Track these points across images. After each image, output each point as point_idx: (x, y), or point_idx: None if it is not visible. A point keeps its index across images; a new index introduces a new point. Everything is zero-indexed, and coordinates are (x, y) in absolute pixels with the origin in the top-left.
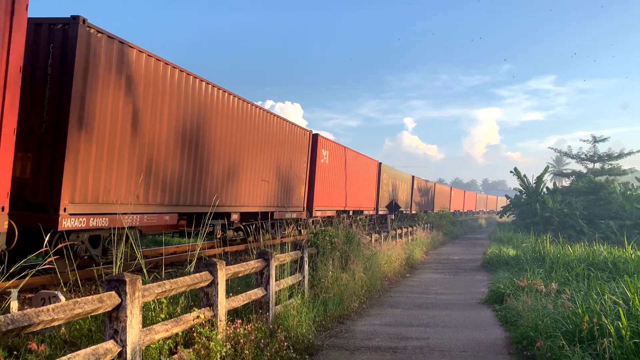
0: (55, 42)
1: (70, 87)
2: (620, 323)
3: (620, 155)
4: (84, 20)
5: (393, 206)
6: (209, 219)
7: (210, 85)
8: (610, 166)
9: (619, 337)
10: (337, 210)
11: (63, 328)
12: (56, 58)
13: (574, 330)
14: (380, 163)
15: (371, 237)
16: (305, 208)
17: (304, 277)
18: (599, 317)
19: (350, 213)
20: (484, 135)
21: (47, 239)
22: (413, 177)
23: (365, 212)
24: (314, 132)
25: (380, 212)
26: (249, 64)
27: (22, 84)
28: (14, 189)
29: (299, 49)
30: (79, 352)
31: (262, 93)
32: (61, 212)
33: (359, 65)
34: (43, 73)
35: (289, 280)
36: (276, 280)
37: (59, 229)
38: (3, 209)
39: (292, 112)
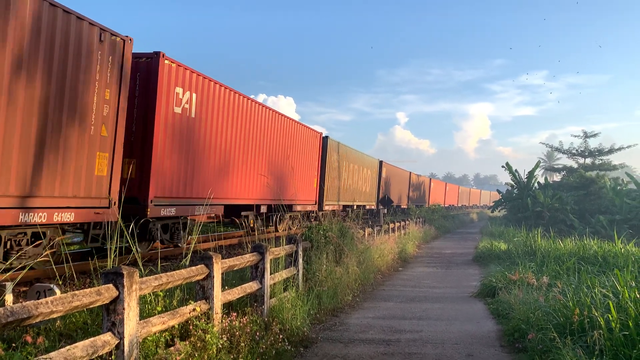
0: None
1: None
2: (610, 315)
3: (611, 151)
4: None
5: (386, 200)
6: None
7: None
8: (600, 161)
9: (608, 329)
10: (226, 205)
11: (59, 321)
12: None
13: (565, 323)
14: (326, 137)
15: (364, 231)
16: (115, 201)
17: (298, 271)
18: (590, 309)
19: (263, 209)
20: (475, 130)
21: None
22: (381, 162)
23: (299, 208)
24: (149, 52)
25: (327, 208)
26: (241, 59)
27: None
28: None
29: (291, 44)
30: (77, 344)
31: (255, 86)
32: None
33: (351, 60)
34: None
35: (283, 274)
36: (271, 273)
37: None
38: None
39: (285, 105)
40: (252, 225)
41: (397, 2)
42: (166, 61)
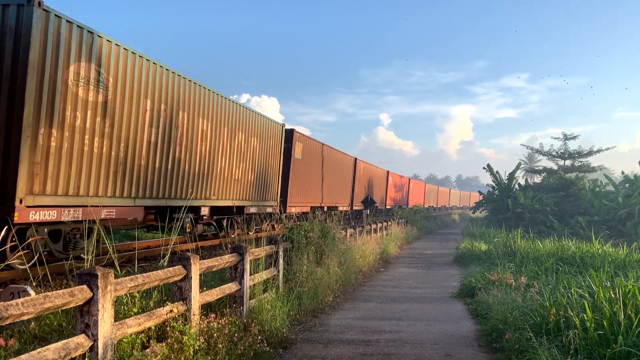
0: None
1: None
2: (585, 315)
3: (590, 153)
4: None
5: (368, 201)
6: None
7: None
8: (580, 163)
9: (583, 328)
10: None
11: (33, 323)
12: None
13: (541, 323)
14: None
15: (346, 231)
16: None
17: (278, 272)
18: (565, 309)
19: None
20: (457, 132)
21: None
22: (291, 131)
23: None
24: None
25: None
26: (226, 58)
27: None
28: None
29: (276, 44)
30: (49, 346)
31: (238, 86)
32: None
33: (335, 60)
34: None
35: (263, 275)
36: (251, 274)
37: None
38: None
39: (269, 105)
40: None
41: (381, 2)
42: None
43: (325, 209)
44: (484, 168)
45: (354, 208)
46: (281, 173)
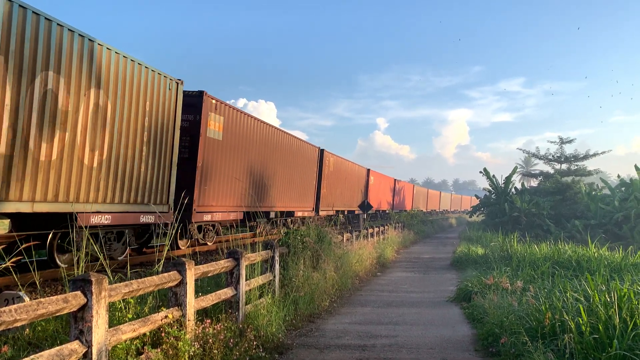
0: None
1: None
2: (580, 319)
3: (586, 157)
4: None
5: (365, 205)
6: None
7: None
8: (576, 167)
9: (579, 332)
10: None
11: (27, 329)
12: None
13: (537, 327)
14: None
15: (342, 236)
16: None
17: (274, 277)
18: (561, 313)
19: None
20: (454, 136)
21: None
22: (201, 96)
23: None
24: None
25: None
26: (223, 63)
27: None
28: None
29: (274, 48)
30: (42, 353)
31: (236, 91)
32: None
33: (333, 64)
34: None
35: (259, 280)
36: (246, 279)
37: None
38: None
39: (266, 110)
40: None
41: (380, 7)
42: None
43: (273, 215)
44: (480, 172)
45: (322, 213)
46: (178, 160)
